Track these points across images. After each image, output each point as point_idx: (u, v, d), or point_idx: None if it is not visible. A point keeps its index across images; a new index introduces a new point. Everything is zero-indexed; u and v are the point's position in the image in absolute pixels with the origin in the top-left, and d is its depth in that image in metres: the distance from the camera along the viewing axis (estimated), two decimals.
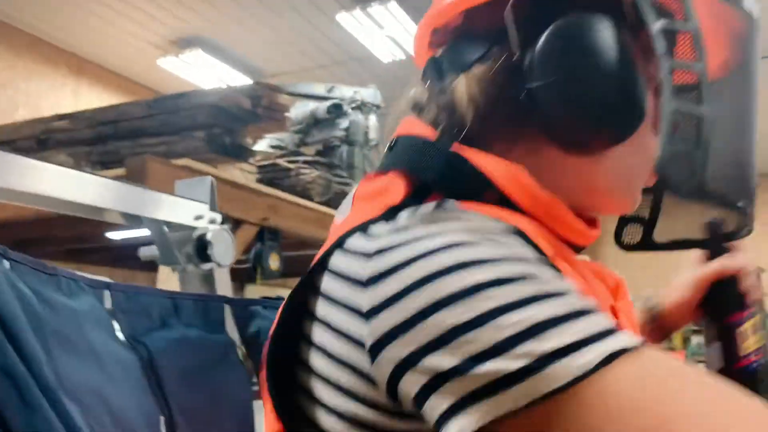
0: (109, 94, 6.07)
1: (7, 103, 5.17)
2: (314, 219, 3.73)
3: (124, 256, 4.43)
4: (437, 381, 0.43)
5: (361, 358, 0.47)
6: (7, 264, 0.59)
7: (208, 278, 1.24)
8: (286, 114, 3.84)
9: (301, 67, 5.81)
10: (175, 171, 2.68)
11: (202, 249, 1.18)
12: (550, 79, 0.54)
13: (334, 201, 4.04)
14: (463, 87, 0.59)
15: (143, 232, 1.24)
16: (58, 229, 3.39)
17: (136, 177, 2.64)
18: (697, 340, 7.96)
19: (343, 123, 4.90)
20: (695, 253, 0.81)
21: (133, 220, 1.13)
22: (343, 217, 0.60)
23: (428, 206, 0.53)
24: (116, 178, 2.02)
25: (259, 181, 3.60)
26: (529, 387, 0.40)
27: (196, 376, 0.82)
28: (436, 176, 0.56)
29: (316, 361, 0.51)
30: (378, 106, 5.22)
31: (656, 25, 0.53)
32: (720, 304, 0.79)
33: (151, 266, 1.48)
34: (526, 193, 0.55)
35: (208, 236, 1.17)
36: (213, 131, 2.95)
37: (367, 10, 4.56)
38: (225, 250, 1.21)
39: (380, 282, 0.46)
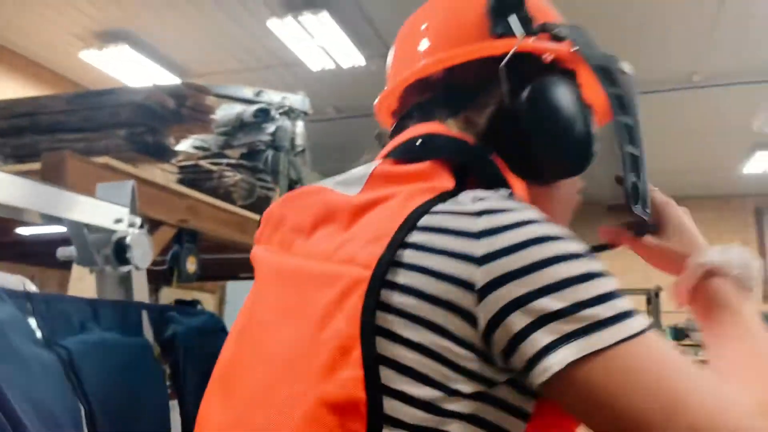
0: (27, 84, 5.83)
1: None
2: (235, 222, 3.73)
3: (35, 252, 4.27)
4: (544, 319, 0.54)
5: (466, 297, 0.56)
6: None
7: (125, 280, 1.27)
8: (212, 116, 3.82)
9: (230, 69, 5.77)
10: (95, 169, 2.64)
11: (120, 252, 1.21)
12: (532, 124, 0.70)
13: (256, 205, 4.05)
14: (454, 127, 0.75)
15: (55, 230, 1.25)
16: None
17: (53, 173, 2.58)
18: None
19: (270, 128, 4.91)
20: None
21: (53, 221, 1.14)
22: (355, 191, 0.70)
23: (503, 192, 0.64)
24: (33, 172, 2.01)
25: (180, 181, 3.56)
26: (614, 332, 0.54)
27: (115, 376, 0.87)
28: (480, 172, 0.68)
29: (406, 301, 0.57)
30: (306, 113, 5.26)
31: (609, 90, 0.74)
32: None
33: (64, 264, 1.48)
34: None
35: (128, 240, 1.20)
36: (135, 130, 2.92)
37: (298, 19, 4.59)
38: (143, 253, 1.24)
39: (496, 235, 0.57)
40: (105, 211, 1.20)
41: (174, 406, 1.04)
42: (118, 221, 1.21)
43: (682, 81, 5.65)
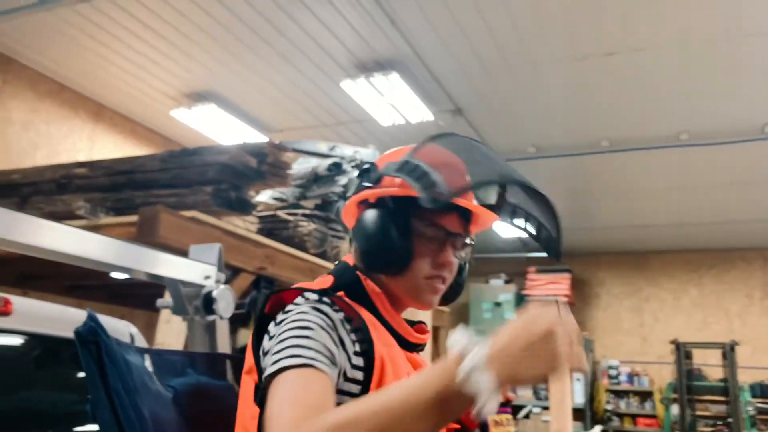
0: (124, 140, 6.38)
1: (28, 143, 5.48)
2: (308, 269, 3.98)
3: (122, 294, 4.66)
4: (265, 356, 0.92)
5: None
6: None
7: (211, 327, 1.51)
8: (289, 171, 4.11)
9: (307, 125, 6.14)
10: (184, 221, 2.94)
11: (208, 303, 1.45)
12: (358, 245, 1.10)
13: (328, 253, 4.30)
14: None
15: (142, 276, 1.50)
16: (64, 266, 3.64)
17: (148, 224, 2.90)
18: (675, 409, 8.09)
19: (342, 180, 5.21)
20: None
21: (156, 278, 1.39)
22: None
23: (314, 294, 1.01)
24: (130, 224, 2.32)
25: (259, 231, 3.86)
26: (277, 364, 0.87)
27: (207, 410, 1.11)
28: (344, 282, 1.08)
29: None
30: None
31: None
32: None
33: (147, 305, 1.75)
34: (381, 306, 1.08)
35: (214, 294, 1.44)
36: (220, 186, 3.21)
37: (369, 79, 4.90)
38: (227, 305, 1.48)
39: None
40: (197, 269, 1.44)
41: None
42: (207, 277, 1.46)
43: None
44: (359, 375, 0.94)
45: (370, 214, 1.07)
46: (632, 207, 7.94)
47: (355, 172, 5.49)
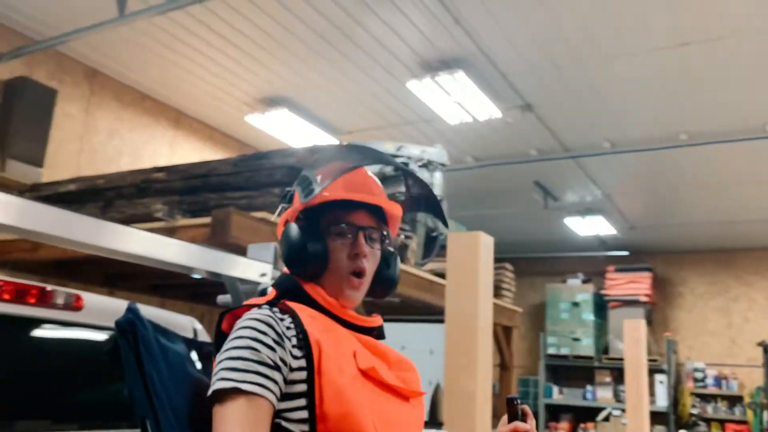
0: (202, 145, 6.65)
1: (113, 151, 5.81)
2: None
3: (200, 293, 4.86)
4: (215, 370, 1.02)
5: None
6: (150, 327, 1.01)
7: None
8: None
9: (375, 126, 6.22)
10: (254, 222, 3.05)
11: None
12: (285, 253, 1.21)
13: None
14: None
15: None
16: (144, 266, 3.84)
17: (220, 225, 3.03)
18: (767, 415, 7.68)
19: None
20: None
21: (216, 276, 1.47)
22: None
23: (264, 306, 1.13)
24: (204, 225, 2.44)
25: None
26: (212, 386, 0.99)
27: None
28: (285, 288, 1.20)
29: None
30: (443, 164, 5.54)
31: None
32: None
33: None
34: (320, 298, 1.18)
35: (269, 290, 1.50)
36: (287, 189, 3.30)
37: (435, 79, 4.91)
38: None
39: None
40: (254, 268, 1.51)
41: None
42: (263, 275, 1.52)
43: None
44: (302, 362, 1.06)
45: (286, 229, 1.21)
46: (717, 202, 7.60)
47: (423, 172, 5.50)
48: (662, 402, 8.45)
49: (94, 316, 1.79)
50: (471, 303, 2.31)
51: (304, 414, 1.01)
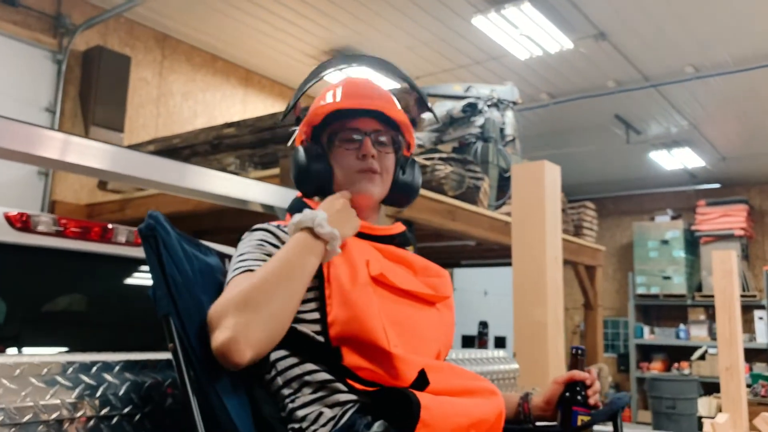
0: (273, 102, 6.75)
1: (188, 112, 5.99)
2: (445, 211, 4.01)
3: None
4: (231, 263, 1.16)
5: None
6: (174, 234, 1.07)
7: None
8: (422, 116, 4.12)
9: (442, 69, 6.09)
10: None
11: None
12: (294, 172, 1.31)
13: (467, 195, 4.30)
14: None
15: None
16: (227, 220, 3.97)
17: (289, 176, 3.08)
18: None
19: (479, 120, 5.14)
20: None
21: (272, 210, 1.51)
22: None
23: (272, 224, 1.24)
24: (273, 176, 2.54)
25: None
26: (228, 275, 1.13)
27: None
28: (294, 208, 1.26)
29: None
30: (515, 103, 5.38)
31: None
32: (568, 396, 1.26)
33: None
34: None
35: None
36: None
37: (501, 12, 4.73)
38: None
39: None
40: None
41: None
42: None
43: None
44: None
45: (293, 154, 1.30)
46: None
47: (493, 111, 5.35)
48: (763, 339, 8.08)
49: None
50: (538, 234, 2.25)
51: (316, 315, 1.10)
